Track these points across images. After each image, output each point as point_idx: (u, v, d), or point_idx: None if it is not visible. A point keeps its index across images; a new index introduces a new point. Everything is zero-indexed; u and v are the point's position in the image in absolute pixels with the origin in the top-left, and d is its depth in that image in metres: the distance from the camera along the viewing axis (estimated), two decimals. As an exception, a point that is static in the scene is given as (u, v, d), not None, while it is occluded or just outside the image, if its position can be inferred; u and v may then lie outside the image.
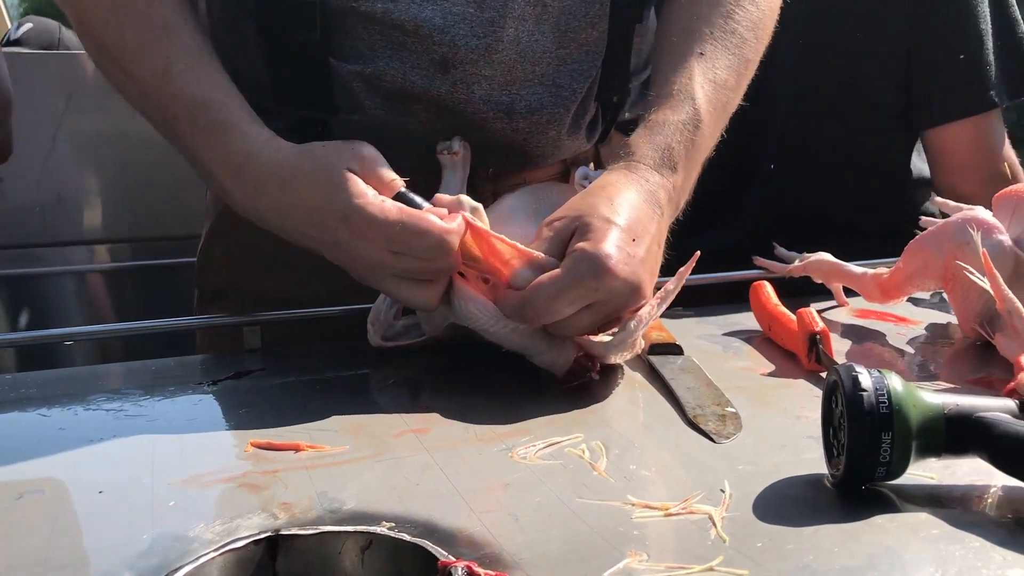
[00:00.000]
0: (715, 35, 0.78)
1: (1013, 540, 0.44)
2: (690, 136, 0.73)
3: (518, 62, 0.80)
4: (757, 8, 0.80)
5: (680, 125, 0.73)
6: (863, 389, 0.48)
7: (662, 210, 0.70)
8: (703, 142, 0.74)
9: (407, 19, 0.77)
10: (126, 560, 0.44)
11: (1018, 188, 0.75)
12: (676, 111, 0.73)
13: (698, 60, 0.76)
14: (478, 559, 0.43)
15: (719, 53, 0.77)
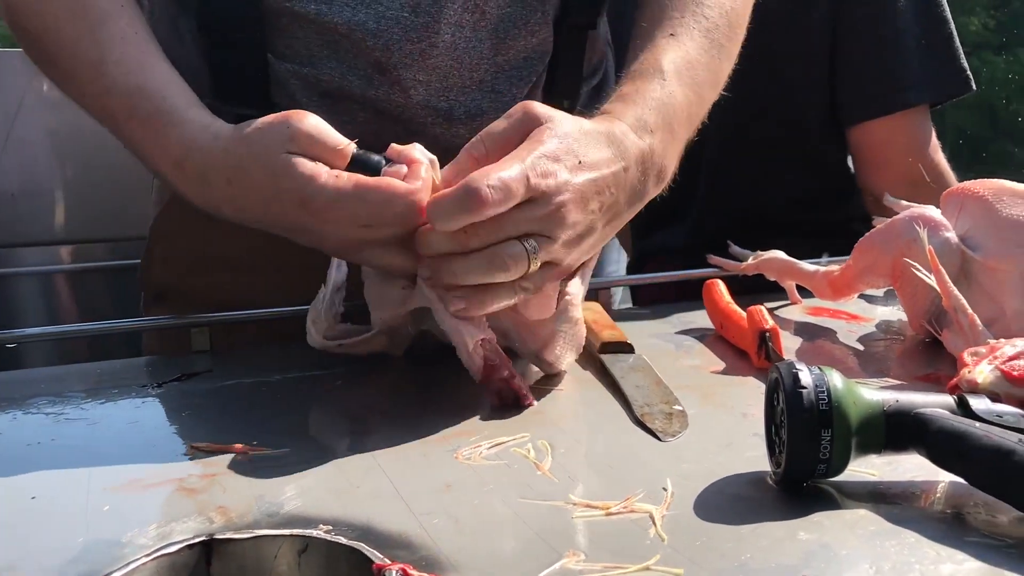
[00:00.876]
0: (685, 19, 0.76)
1: (949, 535, 0.44)
2: (662, 104, 0.70)
3: (455, 68, 0.80)
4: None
5: (649, 93, 0.71)
6: (803, 386, 0.49)
7: (627, 159, 0.66)
8: (678, 111, 0.72)
9: (340, 22, 0.77)
10: (53, 567, 0.43)
11: (965, 186, 0.75)
12: (644, 82, 0.72)
13: (667, 39, 0.75)
14: (414, 562, 0.42)
15: (689, 34, 0.76)
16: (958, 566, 0.41)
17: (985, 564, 0.41)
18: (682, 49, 0.74)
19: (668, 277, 0.96)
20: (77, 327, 0.77)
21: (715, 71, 0.77)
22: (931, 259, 0.69)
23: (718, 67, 0.77)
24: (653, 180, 0.70)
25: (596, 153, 0.64)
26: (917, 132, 1.18)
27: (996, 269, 0.70)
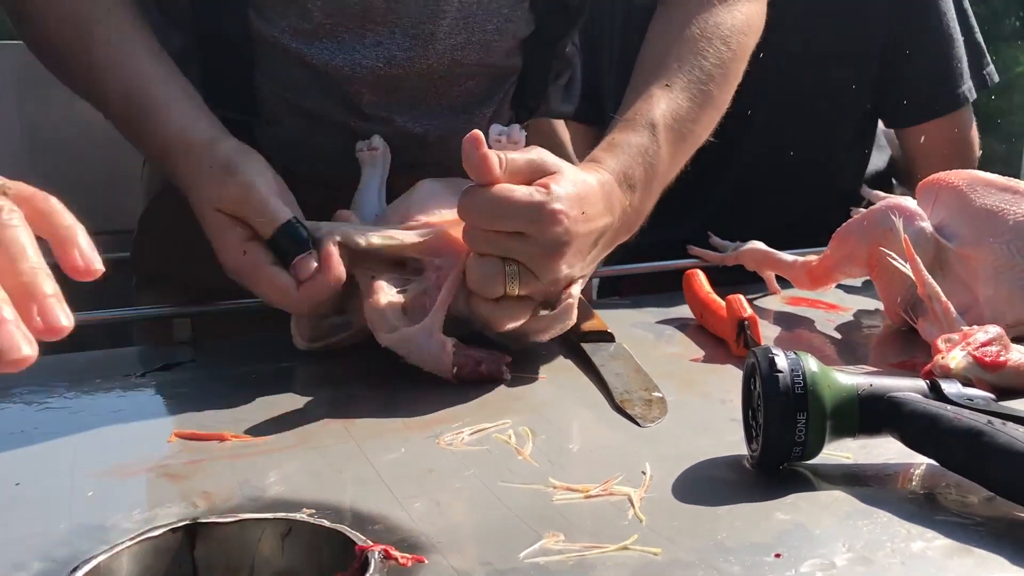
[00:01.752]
0: (682, 70, 0.78)
1: (920, 514, 0.45)
2: (649, 161, 0.73)
3: (427, 101, 0.84)
4: (728, 49, 0.81)
5: (639, 148, 0.73)
6: (779, 370, 0.49)
7: (613, 215, 0.70)
8: (661, 168, 0.74)
9: (318, 63, 0.80)
10: (38, 550, 0.43)
11: (939, 176, 0.77)
12: (636, 134, 0.74)
13: (662, 90, 0.77)
14: (396, 543, 0.43)
15: (683, 85, 0.78)
16: (928, 544, 0.42)
17: (955, 542, 0.42)
18: (674, 102, 0.76)
19: (649, 268, 0.97)
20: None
21: (703, 124, 0.79)
22: (906, 248, 0.70)
23: (707, 120, 0.80)
24: (625, 232, 0.74)
25: (594, 207, 0.67)
26: (969, 125, 1.24)
27: (970, 257, 0.71)
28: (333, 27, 0.79)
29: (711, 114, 0.80)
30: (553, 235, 0.63)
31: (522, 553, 0.42)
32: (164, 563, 0.45)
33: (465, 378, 0.66)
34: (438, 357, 0.65)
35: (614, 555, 0.42)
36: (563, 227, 0.63)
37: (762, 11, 0.86)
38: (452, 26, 0.81)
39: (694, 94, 0.78)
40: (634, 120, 0.75)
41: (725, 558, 0.41)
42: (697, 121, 0.78)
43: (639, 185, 0.72)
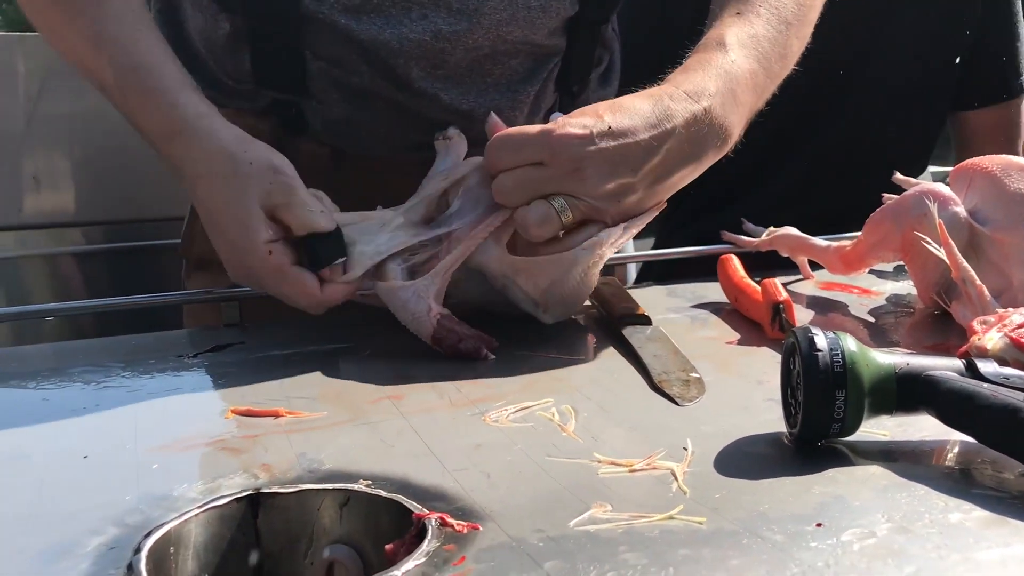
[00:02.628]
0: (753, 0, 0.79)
1: (956, 488, 0.46)
2: (723, 72, 0.72)
3: (474, 78, 0.85)
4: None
5: (708, 62, 0.73)
6: (818, 349, 0.51)
7: (671, 123, 0.69)
8: (742, 78, 0.73)
9: (366, 38, 0.82)
10: (111, 517, 0.45)
11: (973, 162, 0.77)
12: (705, 53, 0.74)
13: (733, 17, 0.77)
14: (451, 512, 0.45)
15: (755, 11, 0.78)
16: (965, 515, 0.43)
17: (991, 513, 0.43)
18: (748, 25, 0.76)
19: (683, 253, 0.98)
20: (119, 300, 0.80)
21: (783, 45, 0.78)
22: (940, 232, 0.71)
23: (786, 42, 0.78)
24: (712, 142, 0.71)
25: (629, 120, 0.67)
26: (1020, 116, 1.28)
27: (1004, 241, 0.72)
28: (380, 2, 0.81)
29: (790, 39, 0.79)
30: (569, 154, 0.65)
31: (572, 521, 0.43)
32: (229, 530, 0.47)
33: (443, 349, 0.69)
34: (422, 319, 0.69)
35: (661, 524, 0.43)
36: (576, 144, 0.65)
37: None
38: (497, 2, 0.83)
39: (767, 19, 0.78)
40: (705, 44, 0.75)
41: (768, 527, 0.42)
42: (775, 42, 0.77)
43: (717, 92, 0.71)
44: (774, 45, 0.77)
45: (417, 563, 0.40)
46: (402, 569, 0.40)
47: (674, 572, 0.39)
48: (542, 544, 0.41)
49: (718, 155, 0.73)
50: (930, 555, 0.40)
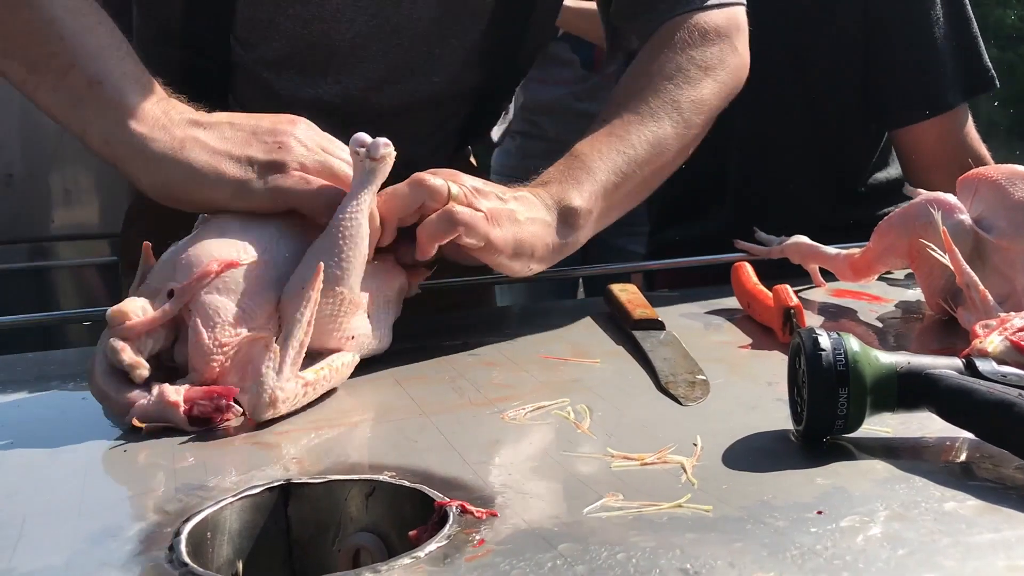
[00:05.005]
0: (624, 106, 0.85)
1: (954, 480, 0.48)
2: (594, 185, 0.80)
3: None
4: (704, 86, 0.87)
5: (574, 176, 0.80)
6: (822, 348, 0.53)
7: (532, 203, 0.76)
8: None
9: (284, 93, 0.87)
10: (152, 505, 0.48)
11: (979, 171, 0.80)
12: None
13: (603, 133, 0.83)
14: (471, 500, 0.47)
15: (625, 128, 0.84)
16: (960, 504, 0.45)
17: (986, 502, 0.46)
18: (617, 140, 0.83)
19: (696, 262, 1.01)
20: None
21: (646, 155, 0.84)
22: (945, 240, 0.73)
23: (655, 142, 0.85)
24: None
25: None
26: (959, 130, 1.22)
27: (1008, 249, 0.74)
28: (300, 62, 0.86)
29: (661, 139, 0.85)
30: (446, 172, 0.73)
31: (585, 509, 0.46)
32: (262, 518, 0.50)
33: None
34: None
35: (669, 512, 0.46)
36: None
37: (728, 54, 0.90)
38: (405, 75, 0.88)
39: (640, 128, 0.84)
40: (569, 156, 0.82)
41: (771, 514, 0.45)
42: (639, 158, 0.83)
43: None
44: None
45: (439, 545, 0.43)
46: (425, 551, 0.42)
47: (681, 554, 0.41)
48: (556, 529, 0.44)
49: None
50: (923, 539, 0.42)
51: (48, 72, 0.68)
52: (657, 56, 0.88)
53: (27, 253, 1.70)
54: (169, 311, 0.61)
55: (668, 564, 0.40)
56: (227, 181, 0.68)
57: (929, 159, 1.21)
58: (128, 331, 0.60)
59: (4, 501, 0.50)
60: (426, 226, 0.70)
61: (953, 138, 1.21)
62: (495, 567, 0.40)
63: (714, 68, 0.88)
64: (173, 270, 0.63)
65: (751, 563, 0.40)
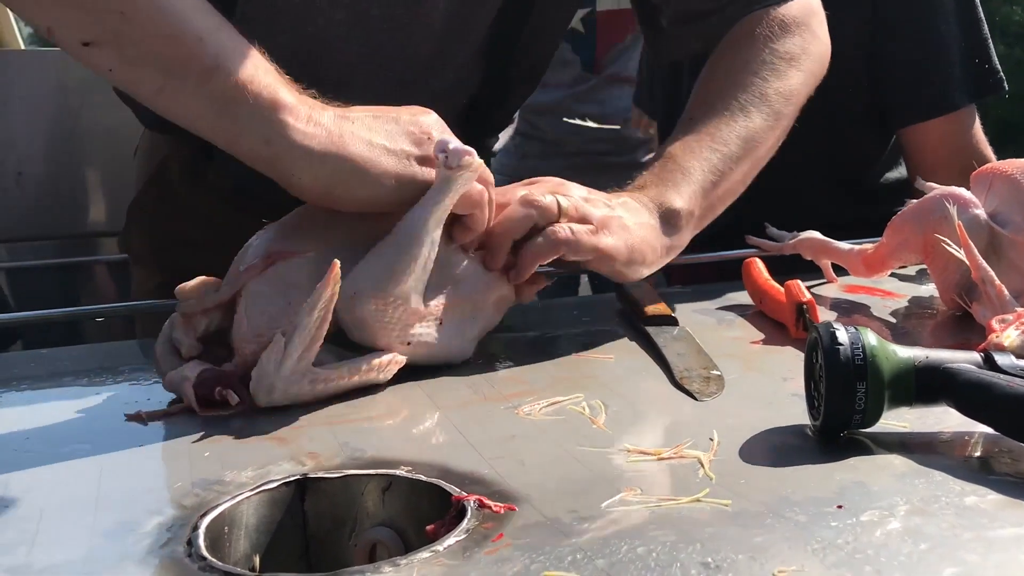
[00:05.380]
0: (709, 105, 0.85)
1: (974, 475, 0.48)
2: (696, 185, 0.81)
3: None
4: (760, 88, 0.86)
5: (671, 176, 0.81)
6: (840, 343, 0.53)
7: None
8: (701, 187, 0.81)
9: None
10: (169, 500, 0.48)
11: (994, 165, 0.79)
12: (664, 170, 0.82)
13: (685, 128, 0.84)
14: (488, 495, 0.47)
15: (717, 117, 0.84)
16: (980, 498, 0.45)
17: (1007, 497, 0.45)
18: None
19: (708, 258, 1.00)
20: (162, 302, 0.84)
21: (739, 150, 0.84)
22: (960, 234, 0.73)
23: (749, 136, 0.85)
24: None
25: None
26: (965, 130, 1.22)
27: (1023, 243, 0.73)
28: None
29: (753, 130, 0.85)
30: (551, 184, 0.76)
31: (604, 503, 0.46)
32: (279, 513, 0.50)
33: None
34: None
35: (688, 506, 0.46)
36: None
37: (809, 42, 0.90)
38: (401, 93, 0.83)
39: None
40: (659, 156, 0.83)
41: (791, 509, 0.45)
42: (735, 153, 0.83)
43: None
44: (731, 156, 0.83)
45: (458, 539, 0.43)
46: (444, 544, 0.42)
47: (701, 548, 0.41)
48: (575, 523, 0.44)
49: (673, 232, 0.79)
50: (944, 533, 0.42)
51: (189, 76, 0.62)
52: (739, 52, 0.88)
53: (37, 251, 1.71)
54: (221, 295, 0.64)
55: (689, 558, 0.40)
56: (390, 175, 0.65)
57: (933, 159, 1.21)
58: (186, 308, 0.64)
59: (21, 495, 0.50)
60: (529, 247, 0.71)
61: (958, 139, 1.21)
62: (514, 560, 0.40)
63: (798, 58, 0.88)
64: (243, 256, 0.65)
65: (772, 557, 0.40)
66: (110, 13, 0.61)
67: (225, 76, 0.62)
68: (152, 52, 0.62)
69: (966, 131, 1.22)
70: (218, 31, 0.63)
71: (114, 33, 0.61)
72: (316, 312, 0.60)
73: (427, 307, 0.67)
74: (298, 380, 0.60)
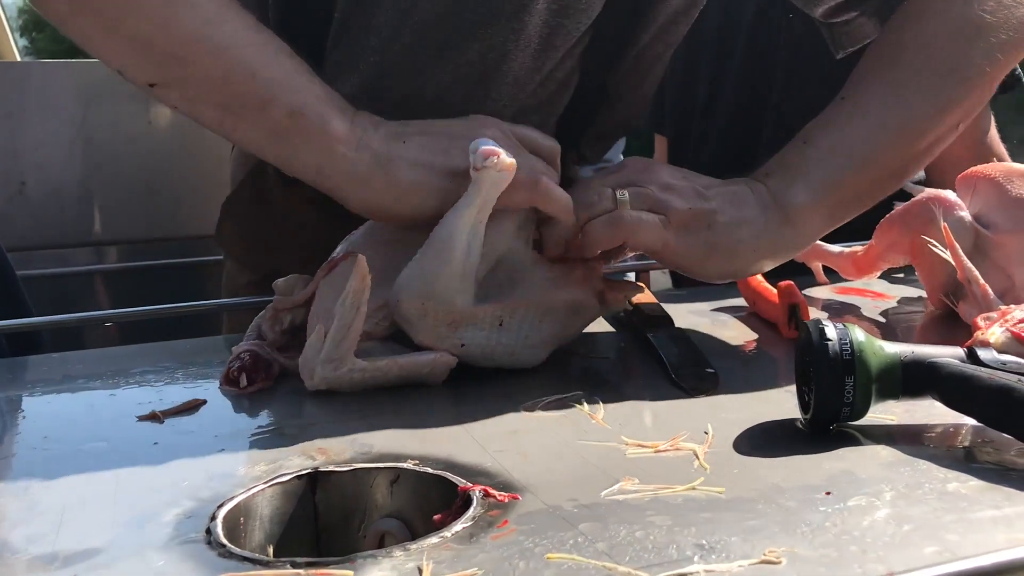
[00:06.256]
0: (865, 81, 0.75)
1: (957, 464, 0.50)
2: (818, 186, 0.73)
3: None
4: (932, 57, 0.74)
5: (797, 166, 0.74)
6: (828, 339, 0.55)
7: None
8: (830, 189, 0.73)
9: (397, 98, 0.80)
10: (186, 492, 0.50)
11: (978, 169, 0.82)
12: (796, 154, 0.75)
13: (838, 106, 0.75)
14: (492, 486, 0.49)
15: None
16: (962, 484, 0.47)
17: (987, 482, 0.47)
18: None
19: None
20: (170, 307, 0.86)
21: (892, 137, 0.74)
22: (946, 236, 0.75)
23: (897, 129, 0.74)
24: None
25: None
26: (981, 129, 1.24)
27: (1006, 243, 0.76)
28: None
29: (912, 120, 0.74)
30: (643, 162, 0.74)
31: (603, 492, 0.48)
32: (291, 505, 0.52)
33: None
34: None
35: (684, 494, 0.48)
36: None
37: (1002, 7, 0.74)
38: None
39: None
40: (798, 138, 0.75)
41: (781, 495, 0.47)
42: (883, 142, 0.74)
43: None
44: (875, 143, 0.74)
45: (465, 526, 0.45)
46: (452, 531, 0.44)
47: (696, 531, 0.43)
48: (576, 510, 0.46)
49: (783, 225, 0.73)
50: (927, 516, 0.44)
51: (245, 111, 0.66)
52: (914, 22, 0.75)
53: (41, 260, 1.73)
54: (305, 293, 0.70)
55: (685, 540, 0.42)
56: (434, 194, 0.67)
57: (948, 158, 1.23)
58: (278, 303, 0.72)
59: (41, 492, 0.52)
60: (589, 229, 0.70)
61: (973, 136, 1.23)
62: (519, 544, 0.42)
63: (987, 27, 0.73)
64: None
65: (764, 539, 0.42)
66: (170, 57, 0.64)
67: (278, 109, 0.65)
68: (209, 91, 0.65)
69: (980, 129, 1.24)
70: (273, 65, 0.66)
71: (175, 75, 0.65)
72: (347, 305, 0.63)
73: (484, 308, 0.68)
74: (337, 367, 0.64)
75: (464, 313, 0.67)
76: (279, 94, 0.65)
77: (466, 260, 0.67)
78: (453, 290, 0.67)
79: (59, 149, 1.69)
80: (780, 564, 0.40)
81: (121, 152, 1.72)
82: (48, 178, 1.69)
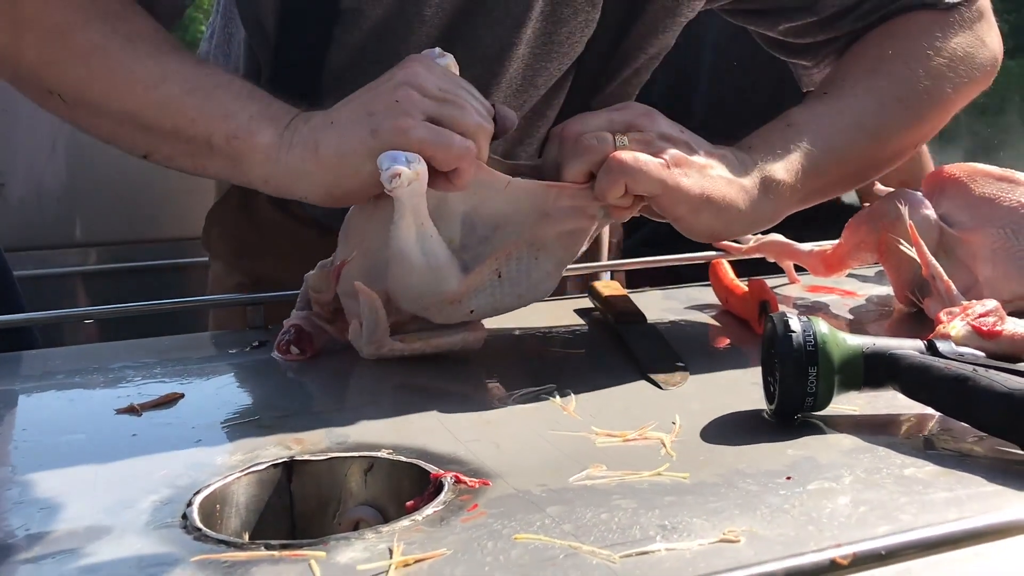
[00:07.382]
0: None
1: (915, 451, 0.52)
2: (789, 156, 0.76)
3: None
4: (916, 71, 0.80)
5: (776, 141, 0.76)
6: (792, 330, 0.57)
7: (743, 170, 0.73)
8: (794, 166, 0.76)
9: None
10: (163, 480, 0.51)
11: (943, 169, 0.84)
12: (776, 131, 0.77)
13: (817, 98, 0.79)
14: (464, 472, 0.50)
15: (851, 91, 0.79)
16: (919, 469, 0.49)
17: (943, 468, 0.49)
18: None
19: (675, 260, 1.04)
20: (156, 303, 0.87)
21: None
22: (912, 233, 0.77)
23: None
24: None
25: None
26: None
27: (970, 241, 0.78)
28: None
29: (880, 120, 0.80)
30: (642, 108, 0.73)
31: (571, 478, 0.49)
32: (267, 494, 0.53)
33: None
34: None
35: (649, 479, 0.49)
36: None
37: (975, 47, 0.83)
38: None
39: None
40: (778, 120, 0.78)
41: (743, 480, 0.48)
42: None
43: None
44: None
45: (436, 509, 0.46)
46: (423, 514, 0.45)
47: (660, 514, 0.44)
48: (545, 495, 0.47)
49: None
50: (883, 499, 0.45)
51: (200, 151, 0.71)
52: (892, 42, 0.81)
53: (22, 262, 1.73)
54: (330, 292, 0.75)
55: (648, 522, 0.43)
56: (362, 164, 0.66)
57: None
58: (315, 298, 0.77)
59: (20, 482, 0.52)
60: (600, 177, 0.69)
61: None
62: (488, 527, 0.44)
63: (958, 60, 0.81)
64: None
65: (724, 520, 0.43)
66: (141, 128, 0.73)
67: (218, 140, 0.70)
68: (178, 153, 0.73)
69: None
70: (209, 102, 0.71)
71: (147, 142, 0.74)
72: (368, 310, 0.70)
73: (477, 272, 0.70)
74: (379, 348, 0.71)
75: (459, 291, 0.70)
76: (215, 128, 0.70)
77: (429, 258, 0.69)
78: (436, 283, 0.69)
79: (40, 149, 1.69)
80: (739, 543, 0.41)
81: (103, 153, 1.72)
82: (29, 178, 1.69)
